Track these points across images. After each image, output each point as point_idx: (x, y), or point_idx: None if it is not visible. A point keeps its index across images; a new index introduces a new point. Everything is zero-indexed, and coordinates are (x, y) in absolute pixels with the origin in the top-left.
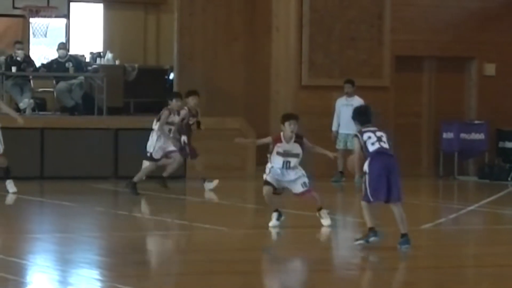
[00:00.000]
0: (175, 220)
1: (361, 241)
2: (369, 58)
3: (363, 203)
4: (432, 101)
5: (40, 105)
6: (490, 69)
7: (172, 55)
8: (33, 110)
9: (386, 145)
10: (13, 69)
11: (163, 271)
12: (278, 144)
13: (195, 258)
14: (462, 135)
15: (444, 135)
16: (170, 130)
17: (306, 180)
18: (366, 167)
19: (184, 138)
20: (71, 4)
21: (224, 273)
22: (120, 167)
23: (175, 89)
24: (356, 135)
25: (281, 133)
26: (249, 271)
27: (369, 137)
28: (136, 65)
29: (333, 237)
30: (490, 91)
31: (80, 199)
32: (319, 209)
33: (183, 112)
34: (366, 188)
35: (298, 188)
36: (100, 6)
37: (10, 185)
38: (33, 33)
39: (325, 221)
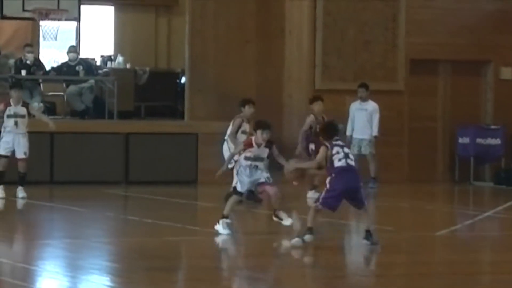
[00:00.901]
0: (186, 225)
1: (297, 240)
2: (383, 61)
3: (314, 206)
4: (448, 105)
5: (50, 109)
6: (506, 72)
7: (184, 58)
8: (43, 113)
9: (352, 162)
10: (23, 72)
11: (174, 277)
12: (249, 149)
13: (207, 265)
14: (478, 140)
15: (460, 140)
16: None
17: (268, 175)
18: (327, 182)
19: (312, 146)
20: (82, 6)
21: (236, 280)
22: (131, 172)
23: (186, 92)
24: (325, 144)
25: (253, 138)
26: (261, 278)
27: (337, 152)
28: (147, 69)
29: (345, 244)
30: (507, 95)
31: (90, 204)
32: (275, 211)
33: (310, 119)
34: (322, 197)
35: (261, 180)
36: (111, 8)
37: (21, 191)
38: (43, 36)
39: (286, 222)
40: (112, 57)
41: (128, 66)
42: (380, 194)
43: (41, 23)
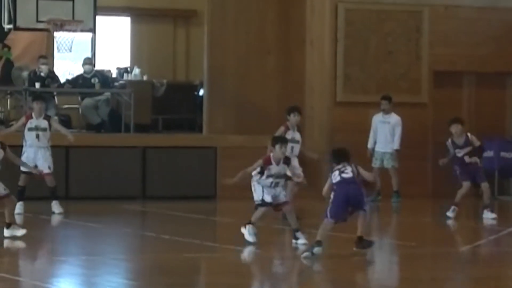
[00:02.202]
0: (205, 242)
1: (306, 253)
2: (406, 73)
3: (325, 220)
4: (472, 118)
5: (65, 122)
6: None
7: (202, 70)
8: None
9: (347, 175)
10: (37, 84)
11: None
12: (269, 167)
13: (226, 281)
14: (503, 154)
15: (484, 153)
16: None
17: (285, 193)
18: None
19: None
20: (97, 17)
21: None
22: (148, 187)
23: (205, 105)
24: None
25: (271, 155)
26: None
27: (334, 174)
28: (165, 81)
29: (370, 259)
30: None
31: (106, 220)
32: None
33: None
34: (328, 210)
35: (282, 200)
36: (127, 19)
37: (56, 206)
38: (57, 48)
39: (301, 241)
40: (129, 69)
41: (145, 78)
42: (403, 209)
43: (56, 34)
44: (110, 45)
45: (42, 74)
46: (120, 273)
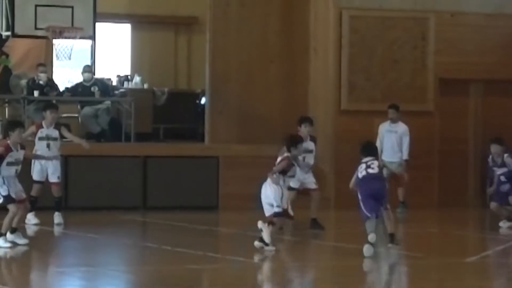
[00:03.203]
0: (208, 253)
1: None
2: (412, 81)
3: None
4: (479, 127)
5: None
6: None
7: (204, 78)
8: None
9: (373, 170)
10: (36, 93)
11: None
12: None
13: None
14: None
15: None
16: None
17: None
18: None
19: None
20: (97, 24)
21: None
22: (149, 197)
23: (207, 114)
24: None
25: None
26: None
27: (360, 168)
28: (166, 89)
29: (373, 266)
30: None
31: (106, 231)
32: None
33: None
34: (362, 209)
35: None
36: (128, 26)
37: (58, 217)
38: (56, 55)
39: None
40: (129, 77)
41: (146, 86)
42: (409, 219)
43: (55, 41)
44: (110, 52)
45: (41, 82)
46: (121, 285)
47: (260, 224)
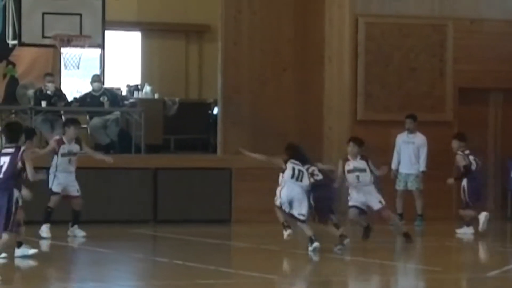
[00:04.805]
0: (220, 267)
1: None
2: (430, 90)
3: None
4: (499, 137)
5: None
6: None
7: (216, 88)
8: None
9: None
10: (43, 103)
11: None
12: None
13: None
14: None
15: None
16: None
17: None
18: None
19: None
20: (106, 32)
21: None
22: (160, 210)
23: (219, 124)
24: None
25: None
26: None
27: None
28: (177, 99)
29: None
30: None
31: (116, 245)
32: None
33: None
34: None
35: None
36: (138, 34)
37: (78, 230)
38: (64, 65)
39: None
40: (139, 86)
41: (156, 96)
42: (427, 233)
43: (63, 50)
44: (119, 61)
45: (49, 92)
46: None
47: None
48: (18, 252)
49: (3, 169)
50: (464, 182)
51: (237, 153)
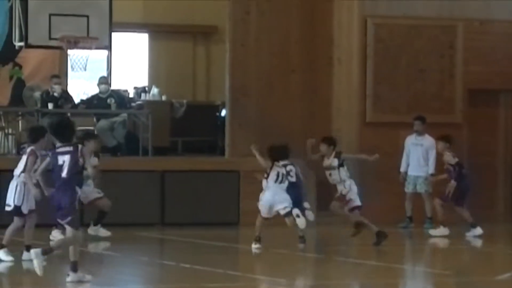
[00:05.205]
0: (228, 271)
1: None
2: (439, 91)
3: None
4: (509, 139)
5: None
6: None
7: (224, 89)
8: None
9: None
10: (50, 105)
11: None
12: None
13: None
14: None
15: None
16: None
17: None
18: None
19: None
20: (113, 34)
21: None
22: (167, 213)
23: (227, 127)
24: None
25: None
26: None
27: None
28: (185, 101)
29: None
30: None
31: (123, 248)
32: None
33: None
34: None
35: None
36: (145, 36)
37: (103, 230)
38: (71, 66)
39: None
40: (146, 88)
41: (163, 98)
42: (436, 235)
43: (69, 52)
44: (126, 63)
45: (55, 94)
46: None
47: None
48: (28, 255)
49: (65, 168)
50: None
51: (245, 155)
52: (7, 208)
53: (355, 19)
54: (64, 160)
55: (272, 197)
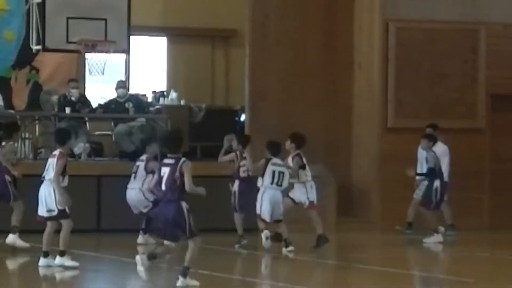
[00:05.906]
0: (246, 277)
1: None
2: (461, 97)
3: None
4: None
5: (96, 150)
6: None
7: (243, 94)
8: (89, 155)
9: None
10: (67, 110)
11: None
12: None
13: None
14: None
15: None
16: None
17: None
18: None
19: None
20: (132, 37)
21: None
22: None
23: (246, 131)
24: None
25: None
26: None
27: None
28: (203, 106)
29: None
30: None
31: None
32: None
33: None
34: None
35: None
36: (164, 40)
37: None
38: (89, 70)
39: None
40: (165, 93)
41: (182, 102)
42: (458, 243)
43: (87, 55)
44: (145, 67)
45: (73, 98)
46: None
47: None
48: (55, 261)
49: (164, 180)
50: (437, 183)
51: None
52: (51, 214)
53: (376, 23)
54: (165, 172)
55: (272, 198)
